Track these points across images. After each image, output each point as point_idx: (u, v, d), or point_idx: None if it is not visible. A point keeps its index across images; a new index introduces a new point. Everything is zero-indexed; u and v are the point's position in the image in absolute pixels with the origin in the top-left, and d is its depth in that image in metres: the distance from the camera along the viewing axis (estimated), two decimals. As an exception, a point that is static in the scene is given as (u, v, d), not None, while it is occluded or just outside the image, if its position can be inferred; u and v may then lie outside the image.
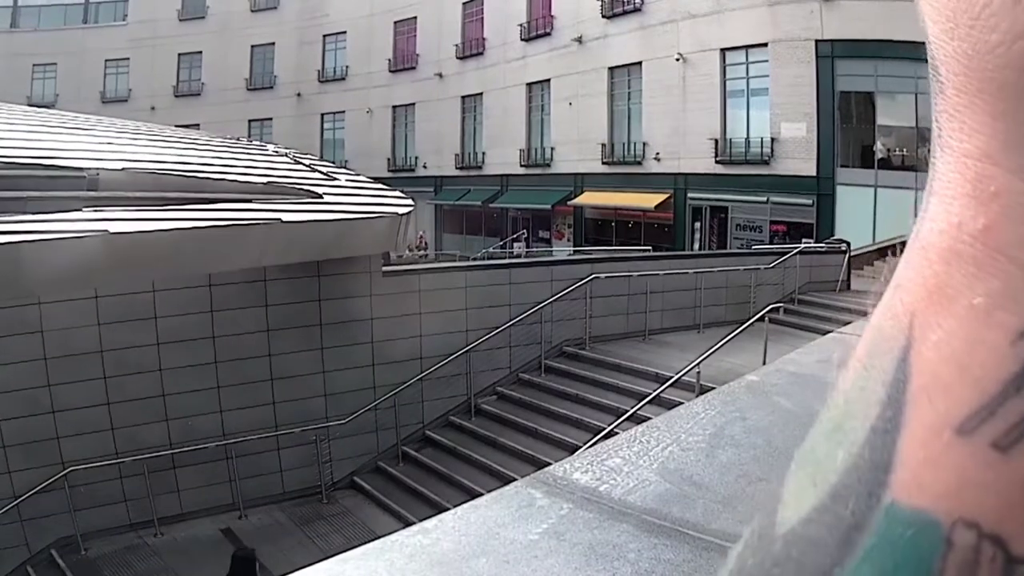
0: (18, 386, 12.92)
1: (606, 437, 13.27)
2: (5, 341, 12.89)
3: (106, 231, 10.72)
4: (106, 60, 58.01)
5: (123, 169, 14.05)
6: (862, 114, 30.75)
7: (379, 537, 2.34)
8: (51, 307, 13.02)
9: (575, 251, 35.46)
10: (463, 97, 47.54)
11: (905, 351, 0.34)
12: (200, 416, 14.44)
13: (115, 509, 13.81)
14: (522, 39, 43.26)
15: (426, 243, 44.91)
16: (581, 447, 13.38)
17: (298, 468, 15.34)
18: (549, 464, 2.72)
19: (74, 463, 13.30)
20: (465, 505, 2.36)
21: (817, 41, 30.05)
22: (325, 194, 15.25)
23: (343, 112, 53.70)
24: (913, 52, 24.28)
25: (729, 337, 15.22)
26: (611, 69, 38.57)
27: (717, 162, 33.58)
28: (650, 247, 31.20)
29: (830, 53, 29.94)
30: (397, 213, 14.93)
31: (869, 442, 0.34)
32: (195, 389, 14.36)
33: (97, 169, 13.69)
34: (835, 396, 0.38)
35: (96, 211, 11.79)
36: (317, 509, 15.11)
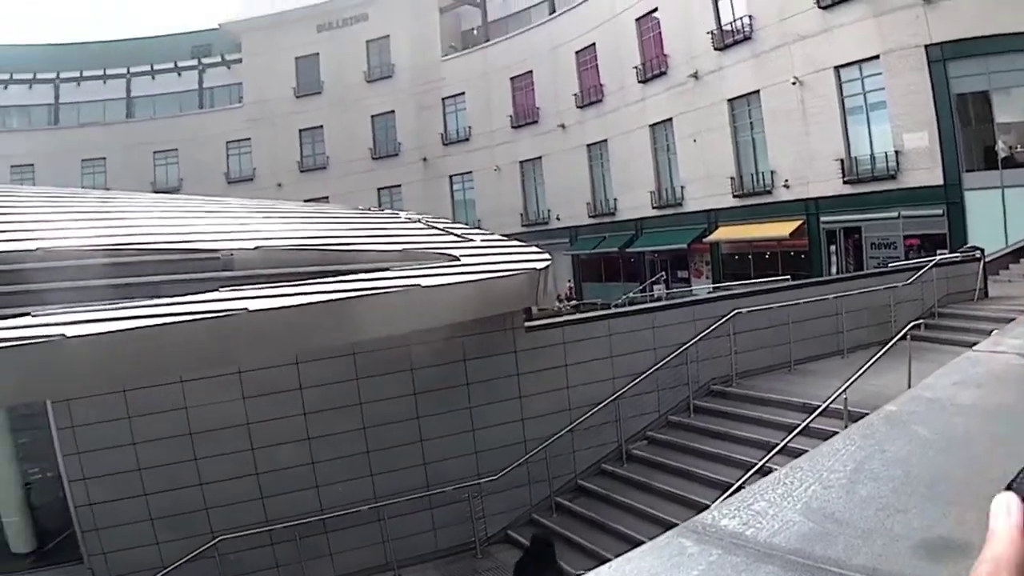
0: (166, 460, 13.41)
1: (757, 473, 13.19)
2: (151, 419, 13.39)
3: (245, 309, 10.78)
4: (227, 142, 60.33)
5: (256, 248, 14.22)
6: (980, 114, 29.67)
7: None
8: (193, 384, 13.47)
9: (715, 287, 35.16)
10: (588, 145, 47.79)
11: None
12: (350, 481, 14.70)
13: (265, 575, 14.08)
14: (639, 81, 43.32)
15: (574, 293, 45.07)
16: (733, 484, 13.32)
17: (451, 525, 15.44)
18: (703, 504, 2.84)
19: (223, 532, 13.64)
20: (619, 559, 2.48)
21: (927, 46, 29.28)
22: (462, 256, 15.32)
23: (470, 172, 54.51)
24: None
25: (872, 360, 15.00)
26: (730, 101, 38.17)
27: (845, 182, 32.96)
28: (789, 276, 30.82)
29: (940, 56, 29.07)
30: (535, 268, 14.90)
31: None
32: (344, 455, 14.66)
33: (231, 249, 13.91)
34: None
35: (233, 291, 11.92)
36: (472, 564, 15.13)
